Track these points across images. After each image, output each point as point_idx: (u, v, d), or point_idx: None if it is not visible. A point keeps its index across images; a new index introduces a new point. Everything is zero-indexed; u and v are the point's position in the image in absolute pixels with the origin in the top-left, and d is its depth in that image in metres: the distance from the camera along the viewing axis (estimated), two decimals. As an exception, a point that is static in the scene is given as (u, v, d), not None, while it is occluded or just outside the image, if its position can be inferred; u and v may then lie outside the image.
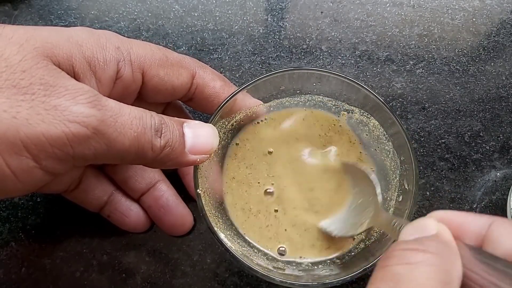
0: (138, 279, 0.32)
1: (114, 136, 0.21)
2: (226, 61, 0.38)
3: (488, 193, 0.35)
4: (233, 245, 0.28)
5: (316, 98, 0.32)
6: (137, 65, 0.26)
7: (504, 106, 0.37)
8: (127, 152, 0.22)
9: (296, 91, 0.32)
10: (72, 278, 0.32)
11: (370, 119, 0.32)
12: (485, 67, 0.39)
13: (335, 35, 0.39)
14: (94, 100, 0.21)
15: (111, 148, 0.22)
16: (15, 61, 0.20)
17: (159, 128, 0.24)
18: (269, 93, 0.32)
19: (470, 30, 0.40)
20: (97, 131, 0.21)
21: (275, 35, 0.39)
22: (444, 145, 0.36)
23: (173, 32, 0.39)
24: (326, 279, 0.26)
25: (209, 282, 0.32)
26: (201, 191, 0.28)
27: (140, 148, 0.23)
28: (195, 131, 0.26)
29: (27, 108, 0.19)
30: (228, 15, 0.40)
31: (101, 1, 0.40)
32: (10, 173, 0.20)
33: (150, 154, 0.23)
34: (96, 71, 0.24)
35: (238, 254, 0.27)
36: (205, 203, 0.28)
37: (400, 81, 0.38)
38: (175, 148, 0.24)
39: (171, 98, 0.29)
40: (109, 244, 0.33)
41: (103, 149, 0.21)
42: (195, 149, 0.25)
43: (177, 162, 0.25)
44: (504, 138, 0.36)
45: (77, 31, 0.24)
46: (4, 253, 0.32)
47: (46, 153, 0.20)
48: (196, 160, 0.26)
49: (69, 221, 0.33)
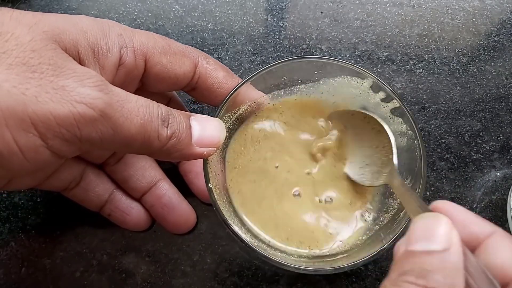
0: (138, 279, 0.32)
1: (120, 121, 0.21)
2: (226, 61, 0.38)
3: (488, 193, 0.35)
4: (247, 236, 0.28)
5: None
6: (139, 52, 0.26)
7: (504, 106, 0.37)
8: (133, 139, 0.22)
9: (298, 80, 0.33)
10: (72, 278, 0.32)
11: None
12: (485, 67, 0.39)
13: (335, 35, 0.39)
14: (101, 84, 0.21)
15: (118, 133, 0.21)
16: (25, 41, 0.20)
17: (166, 118, 0.24)
18: (271, 83, 0.32)
19: (470, 30, 0.40)
20: (104, 114, 0.21)
21: (275, 35, 0.39)
22: (444, 145, 0.36)
23: (173, 32, 0.39)
24: (339, 263, 0.27)
25: (209, 282, 0.32)
26: (212, 185, 0.28)
27: (146, 136, 0.23)
28: (202, 124, 0.26)
29: (35, 86, 0.19)
30: (228, 15, 0.40)
31: (101, 1, 0.40)
32: (17, 150, 0.19)
33: (156, 144, 0.23)
34: (99, 58, 0.24)
35: (253, 245, 0.27)
36: (217, 197, 0.28)
37: (400, 81, 0.38)
38: (181, 139, 0.24)
39: (174, 87, 0.29)
40: (109, 244, 0.33)
41: (110, 134, 0.21)
42: (202, 142, 0.25)
43: (183, 154, 0.25)
44: (504, 138, 0.36)
45: (81, 18, 0.24)
46: (4, 253, 0.32)
47: (54, 132, 0.20)
48: (202, 153, 0.26)
49: (69, 221, 0.33)
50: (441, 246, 0.17)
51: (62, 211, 0.33)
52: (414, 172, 0.29)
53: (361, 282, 0.32)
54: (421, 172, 0.28)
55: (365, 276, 0.32)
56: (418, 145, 0.29)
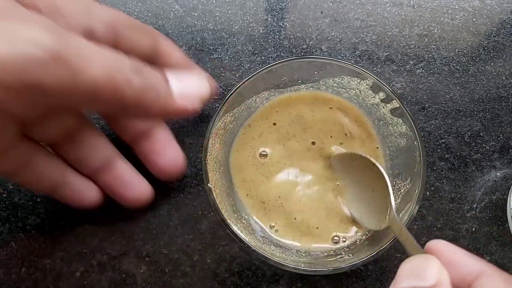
0: (138, 279, 0.32)
1: (81, 65, 0.19)
2: (226, 61, 0.38)
3: (488, 193, 0.35)
4: (246, 236, 0.28)
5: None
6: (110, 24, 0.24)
7: (504, 106, 0.37)
8: (100, 88, 0.19)
9: (298, 80, 0.33)
10: (72, 278, 0.32)
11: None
12: (485, 67, 0.39)
13: (335, 35, 0.39)
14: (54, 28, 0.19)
15: (78, 78, 0.19)
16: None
17: (138, 67, 0.21)
18: (271, 83, 0.32)
19: (470, 30, 0.40)
20: (57, 55, 0.18)
21: (275, 35, 0.39)
22: (444, 145, 0.36)
23: (173, 32, 0.39)
24: (337, 264, 0.27)
25: (209, 282, 0.32)
26: (211, 185, 0.28)
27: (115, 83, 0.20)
28: (179, 76, 0.23)
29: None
30: (228, 15, 0.40)
31: (101, 1, 0.40)
32: None
33: (129, 92, 0.20)
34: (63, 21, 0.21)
35: (252, 245, 0.27)
36: (216, 196, 0.28)
37: (400, 81, 0.38)
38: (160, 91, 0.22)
39: None
40: (109, 244, 0.33)
41: (69, 79, 0.18)
42: (184, 94, 0.23)
43: (164, 108, 0.22)
44: (504, 138, 0.36)
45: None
46: (4, 253, 0.32)
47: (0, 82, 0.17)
48: (186, 107, 0.23)
49: (69, 221, 0.33)
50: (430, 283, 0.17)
51: (62, 211, 0.33)
52: (413, 173, 0.29)
53: (361, 282, 0.32)
54: (420, 172, 0.28)
55: (365, 276, 0.32)
56: (418, 145, 0.29)
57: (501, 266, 0.33)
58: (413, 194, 0.28)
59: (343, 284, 0.32)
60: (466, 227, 0.34)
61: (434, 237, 0.33)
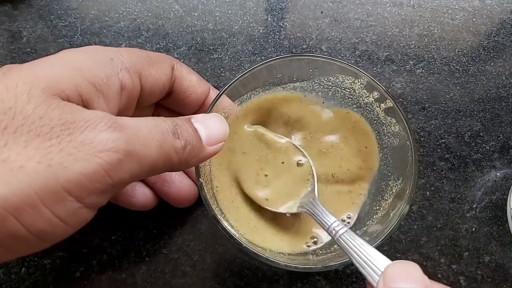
0: (138, 279, 0.32)
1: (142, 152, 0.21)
2: (226, 61, 0.38)
3: (488, 193, 0.35)
4: (237, 232, 0.29)
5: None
6: (133, 70, 0.26)
7: (504, 106, 0.37)
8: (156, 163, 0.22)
9: (293, 78, 0.33)
10: (72, 278, 0.32)
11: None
12: (485, 67, 0.39)
13: (335, 35, 0.39)
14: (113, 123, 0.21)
15: (143, 164, 0.21)
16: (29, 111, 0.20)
17: (175, 130, 0.24)
18: (266, 80, 0.33)
19: (470, 30, 0.40)
20: (127, 152, 0.21)
21: (275, 35, 0.39)
22: (444, 145, 0.36)
23: (173, 32, 0.39)
24: (328, 262, 0.27)
25: (209, 282, 0.32)
26: (203, 179, 0.28)
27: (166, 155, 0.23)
28: (204, 123, 0.26)
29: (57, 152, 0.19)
30: (228, 15, 0.40)
31: (101, 1, 0.40)
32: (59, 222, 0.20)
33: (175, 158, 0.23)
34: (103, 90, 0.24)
35: (242, 241, 0.27)
36: (207, 191, 0.28)
37: (400, 81, 0.38)
38: (194, 145, 0.25)
39: (160, 96, 0.29)
40: (109, 244, 0.33)
41: (137, 168, 0.21)
42: (211, 140, 0.26)
43: (199, 158, 0.25)
44: (504, 138, 0.36)
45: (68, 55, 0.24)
46: (4, 253, 0.32)
47: (88, 191, 0.20)
48: (215, 150, 0.26)
49: (69, 221, 0.33)
50: (424, 285, 0.19)
51: (62, 211, 0.33)
52: (405, 173, 0.29)
53: (361, 282, 0.32)
54: (412, 173, 0.28)
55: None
56: (410, 146, 0.29)
57: (501, 266, 0.33)
58: (404, 194, 0.28)
59: (343, 284, 0.32)
60: (466, 227, 0.34)
61: (434, 237, 0.33)
